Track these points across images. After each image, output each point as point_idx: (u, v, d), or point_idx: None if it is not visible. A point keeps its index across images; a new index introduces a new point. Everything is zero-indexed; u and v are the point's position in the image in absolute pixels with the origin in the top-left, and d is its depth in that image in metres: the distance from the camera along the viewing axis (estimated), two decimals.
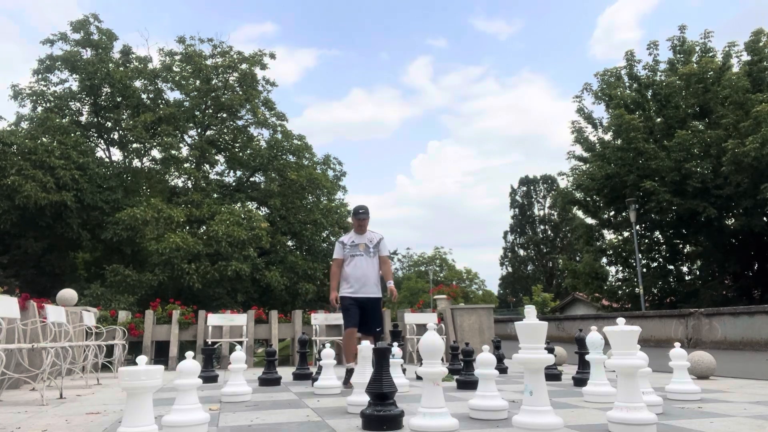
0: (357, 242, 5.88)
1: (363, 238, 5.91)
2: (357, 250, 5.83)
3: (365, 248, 5.84)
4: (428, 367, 3.10)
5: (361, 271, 5.75)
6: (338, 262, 5.90)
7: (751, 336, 11.16)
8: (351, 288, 5.74)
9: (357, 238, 5.91)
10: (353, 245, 5.86)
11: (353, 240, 5.91)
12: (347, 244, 5.90)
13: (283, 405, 4.47)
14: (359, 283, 5.72)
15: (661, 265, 21.47)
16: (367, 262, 5.79)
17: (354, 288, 5.73)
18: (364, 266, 5.77)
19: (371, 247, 5.88)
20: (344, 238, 6.00)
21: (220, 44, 23.98)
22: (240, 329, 10.33)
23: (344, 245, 5.90)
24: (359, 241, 5.88)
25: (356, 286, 5.73)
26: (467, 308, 11.52)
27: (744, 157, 16.39)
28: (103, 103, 22.17)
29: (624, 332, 3.14)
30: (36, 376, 6.30)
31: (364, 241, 5.88)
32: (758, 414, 3.75)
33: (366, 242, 5.87)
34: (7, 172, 16.92)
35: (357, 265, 5.77)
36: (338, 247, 5.95)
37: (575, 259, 29.23)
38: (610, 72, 22.37)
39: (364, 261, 5.78)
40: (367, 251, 5.84)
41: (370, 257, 5.83)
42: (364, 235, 5.95)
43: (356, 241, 5.89)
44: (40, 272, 19.09)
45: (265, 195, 22.75)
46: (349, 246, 5.87)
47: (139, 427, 2.62)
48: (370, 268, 5.80)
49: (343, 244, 5.92)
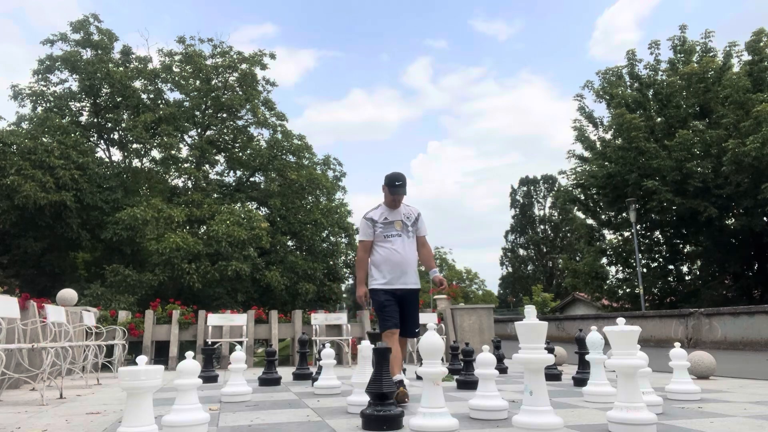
0: (391, 219, 4.64)
1: (397, 213, 4.68)
2: (391, 229, 4.60)
3: (402, 226, 4.62)
4: (428, 367, 3.09)
5: (399, 255, 4.54)
6: (366, 246, 4.65)
7: (751, 336, 11.16)
8: (384, 278, 4.54)
9: (390, 214, 4.66)
10: (386, 223, 4.62)
11: (385, 216, 4.65)
12: (378, 221, 4.64)
13: (283, 405, 4.47)
14: (397, 272, 4.53)
15: (661, 265, 21.47)
16: (405, 244, 4.59)
17: (389, 278, 4.53)
18: (403, 249, 4.56)
19: (409, 224, 4.67)
20: (373, 214, 4.70)
21: (220, 44, 24.00)
22: (240, 329, 10.33)
23: (374, 223, 4.64)
24: (393, 217, 4.65)
25: (392, 275, 4.53)
26: (467, 308, 11.53)
27: (744, 157, 16.40)
28: (103, 103, 22.18)
29: (624, 332, 3.14)
30: (36, 376, 6.30)
31: (400, 217, 4.66)
32: (758, 414, 3.74)
33: (402, 219, 4.66)
34: (6, 172, 16.93)
35: (393, 249, 4.55)
36: (365, 226, 4.67)
37: (575, 259, 29.22)
38: (611, 71, 22.38)
39: (402, 243, 4.58)
40: (405, 230, 4.63)
41: (408, 238, 4.63)
42: (397, 210, 4.69)
43: (389, 217, 4.64)
44: (40, 272, 19.09)
45: (265, 195, 22.75)
46: (381, 224, 4.62)
47: (139, 427, 2.62)
48: (409, 251, 4.61)
49: (373, 221, 4.65)
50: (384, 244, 4.58)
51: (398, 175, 4.62)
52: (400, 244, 4.57)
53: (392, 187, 4.59)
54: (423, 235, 4.79)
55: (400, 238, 4.58)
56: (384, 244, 4.58)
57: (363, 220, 4.69)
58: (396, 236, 4.58)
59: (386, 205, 4.70)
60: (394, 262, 4.53)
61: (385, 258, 4.55)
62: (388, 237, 4.58)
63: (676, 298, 20.80)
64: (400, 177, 4.62)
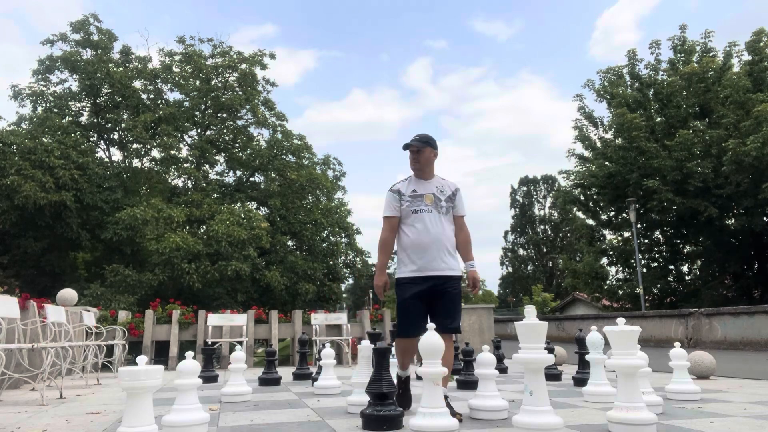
0: (420, 191, 3.81)
1: (429, 185, 3.85)
2: (421, 203, 3.77)
3: (434, 201, 3.79)
4: (428, 367, 3.09)
5: (430, 235, 3.70)
6: (392, 224, 3.83)
7: (751, 336, 11.16)
8: (414, 265, 3.73)
9: (420, 185, 3.84)
10: (415, 196, 3.80)
11: (414, 188, 3.83)
12: (405, 194, 3.83)
13: (283, 405, 4.47)
14: (428, 255, 3.69)
15: (661, 265, 21.47)
16: (438, 222, 3.74)
17: (419, 264, 3.70)
18: (434, 227, 3.72)
19: (443, 199, 3.81)
20: (400, 185, 3.89)
21: (220, 44, 24.02)
22: (240, 329, 10.33)
23: (401, 196, 3.83)
24: (424, 189, 3.82)
25: (423, 259, 3.69)
26: (467, 308, 11.52)
27: (745, 157, 16.40)
28: (103, 104, 22.19)
29: (624, 332, 3.14)
30: (36, 376, 6.30)
31: (432, 190, 3.83)
32: (758, 414, 3.74)
33: (435, 191, 3.83)
34: (6, 171, 16.93)
35: (423, 227, 3.72)
36: (391, 199, 3.85)
37: (575, 259, 29.23)
38: (612, 70, 22.38)
39: (434, 220, 3.74)
40: (437, 205, 3.78)
41: (441, 214, 3.78)
42: (431, 181, 3.87)
43: (419, 189, 3.82)
44: (40, 272, 19.09)
45: (265, 195, 22.75)
46: (409, 197, 3.80)
47: (139, 427, 2.62)
48: (443, 230, 3.75)
49: (400, 194, 3.84)
50: (412, 221, 3.76)
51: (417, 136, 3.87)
52: (432, 222, 3.72)
53: (407, 148, 3.86)
54: (461, 215, 3.92)
55: (430, 214, 3.74)
56: (412, 223, 3.76)
57: (388, 192, 3.89)
58: (426, 212, 3.75)
59: (415, 175, 3.90)
60: (425, 243, 3.69)
61: (414, 240, 3.72)
62: (417, 212, 3.75)
63: (676, 298, 20.80)
64: (418, 136, 3.86)
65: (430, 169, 3.91)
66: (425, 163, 3.86)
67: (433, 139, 3.91)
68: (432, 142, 3.88)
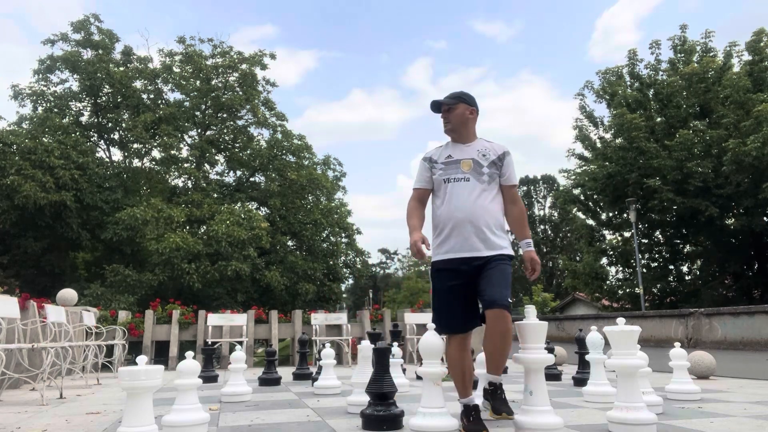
0: (457, 156, 3.18)
1: (468, 149, 3.20)
2: (456, 171, 3.13)
3: (473, 167, 3.12)
4: (428, 367, 3.09)
5: (466, 209, 3.04)
6: (420, 195, 3.27)
7: (751, 336, 11.15)
8: (447, 244, 3.09)
9: (456, 150, 3.22)
10: (449, 162, 3.18)
11: (449, 154, 3.22)
12: (438, 160, 3.23)
13: (283, 405, 4.47)
14: (461, 235, 3.04)
15: (661, 265, 21.48)
16: (475, 192, 3.07)
17: (452, 244, 3.07)
18: (470, 199, 3.05)
19: (485, 165, 3.13)
20: (433, 152, 3.31)
21: (220, 44, 24.04)
22: (240, 329, 10.32)
23: (433, 163, 3.25)
24: (461, 154, 3.18)
25: (456, 239, 3.05)
26: None
27: (745, 157, 16.40)
28: (104, 104, 22.20)
29: (624, 332, 3.14)
30: (36, 376, 6.30)
31: (471, 154, 3.17)
32: (758, 414, 3.74)
33: (475, 156, 3.17)
34: (6, 171, 16.94)
35: (458, 198, 3.07)
36: (422, 169, 3.29)
37: (575, 259, 29.25)
38: (611, 71, 22.38)
39: (471, 190, 3.07)
40: (477, 172, 3.11)
41: (481, 183, 3.09)
42: (471, 144, 3.23)
43: (455, 154, 3.20)
44: (40, 272, 19.10)
45: (265, 195, 22.75)
46: (442, 164, 3.19)
47: (139, 427, 2.62)
48: (484, 202, 3.07)
49: (431, 161, 3.27)
50: (444, 192, 3.13)
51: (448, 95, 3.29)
52: (469, 192, 3.06)
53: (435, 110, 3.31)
54: (511, 184, 3.22)
55: (468, 183, 3.08)
56: (445, 194, 3.12)
57: (420, 161, 3.34)
58: (462, 180, 3.09)
59: (452, 140, 3.29)
60: (459, 219, 3.03)
61: (446, 214, 3.10)
62: (450, 181, 3.11)
63: (676, 298, 20.80)
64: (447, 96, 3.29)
65: (468, 130, 3.25)
66: (459, 124, 3.22)
67: (469, 95, 3.31)
68: (466, 98, 3.27)
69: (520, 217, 3.25)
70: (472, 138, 3.26)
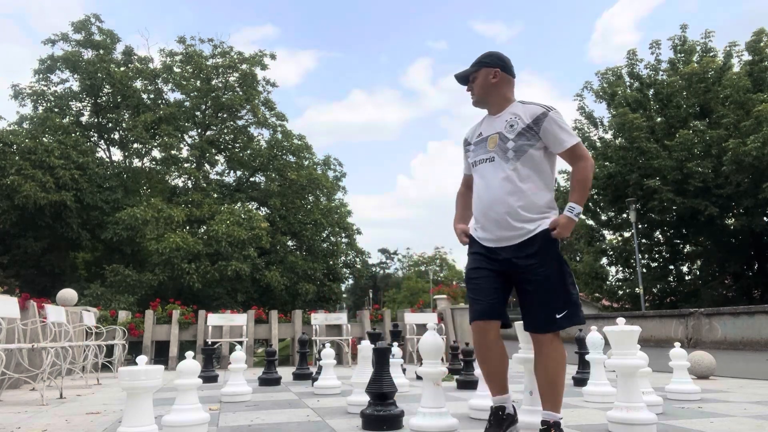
0: (486, 133, 2.82)
1: (496, 122, 2.79)
2: (483, 150, 2.79)
3: (497, 144, 2.73)
4: (428, 367, 3.09)
5: (487, 198, 2.73)
6: (464, 180, 3.08)
7: (751, 336, 11.16)
8: (478, 225, 2.84)
9: (487, 125, 2.85)
10: (480, 141, 2.84)
11: (480, 131, 2.87)
12: (471, 141, 2.92)
13: (283, 405, 4.47)
14: (488, 219, 2.73)
15: (661, 265, 21.49)
16: (500, 174, 2.69)
17: (480, 234, 2.81)
18: (496, 184, 2.70)
19: (510, 138, 2.70)
20: (469, 131, 3.03)
21: (220, 44, 24.06)
22: (240, 329, 10.33)
23: (467, 146, 2.97)
24: (489, 129, 2.81)
25: (484, 232, 2.77)
26: (467, 308, 11.50)
27: (745, 157, 16.41)
28: (104, 104, 22.20)
29: (624, 332, 3.14)
30: (36, 376, 6.30)
31: (498, 128, 2.76)
32: (758, 414, 3.74)
33: (501, 130, 2.75)
34: (6, 171, 16.94)
35: (482, 183, 2.78)
36: (463, 153, 3.07)
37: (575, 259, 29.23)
38: (610, 71, 22.39)
39: (495, 172, 2.71)
40: (503, 150, 2.71)
41: (506, 161, 2.69)
42: (500, 115, 2.79)
43: (485, 131, 2.84)
44: (40, 272, 19.10)
45: (265, 195, 22.76)
46: (474, 145, 2.88)
47: (139, 427, 2.62)
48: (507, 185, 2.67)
49: (466, 143, 2.98)
50: (476, 177, 2.85)
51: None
52: (492, 175, 2.71)
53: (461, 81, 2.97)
54: (562, 149, 2.72)
55: (492, 164, 2.73)
56: (476, 179, 2.85)
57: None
58: (486, 162, 2.76)
59: (488, 113, 2.91)
60: (485, 203, 2.73)
61: (474, 203, 2.86)
62: (477, 164, 2.82)
63: (676, 298, 20.82)
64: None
65: (496, 97, 2.81)
66: (484, 92, 2.82)
67: (494, 55, 2.85)
68: (489, 60, 2.82)
69: (578, 179, 2.76)
70: (504, 105, 2.80)
